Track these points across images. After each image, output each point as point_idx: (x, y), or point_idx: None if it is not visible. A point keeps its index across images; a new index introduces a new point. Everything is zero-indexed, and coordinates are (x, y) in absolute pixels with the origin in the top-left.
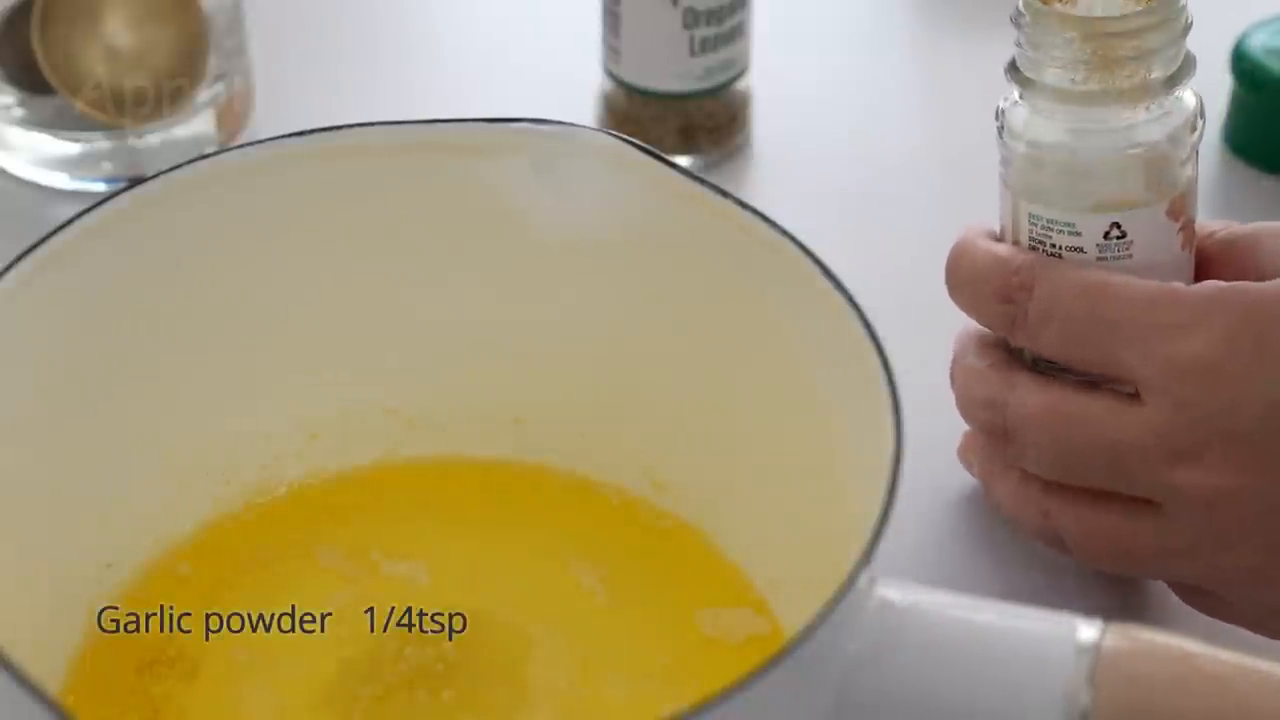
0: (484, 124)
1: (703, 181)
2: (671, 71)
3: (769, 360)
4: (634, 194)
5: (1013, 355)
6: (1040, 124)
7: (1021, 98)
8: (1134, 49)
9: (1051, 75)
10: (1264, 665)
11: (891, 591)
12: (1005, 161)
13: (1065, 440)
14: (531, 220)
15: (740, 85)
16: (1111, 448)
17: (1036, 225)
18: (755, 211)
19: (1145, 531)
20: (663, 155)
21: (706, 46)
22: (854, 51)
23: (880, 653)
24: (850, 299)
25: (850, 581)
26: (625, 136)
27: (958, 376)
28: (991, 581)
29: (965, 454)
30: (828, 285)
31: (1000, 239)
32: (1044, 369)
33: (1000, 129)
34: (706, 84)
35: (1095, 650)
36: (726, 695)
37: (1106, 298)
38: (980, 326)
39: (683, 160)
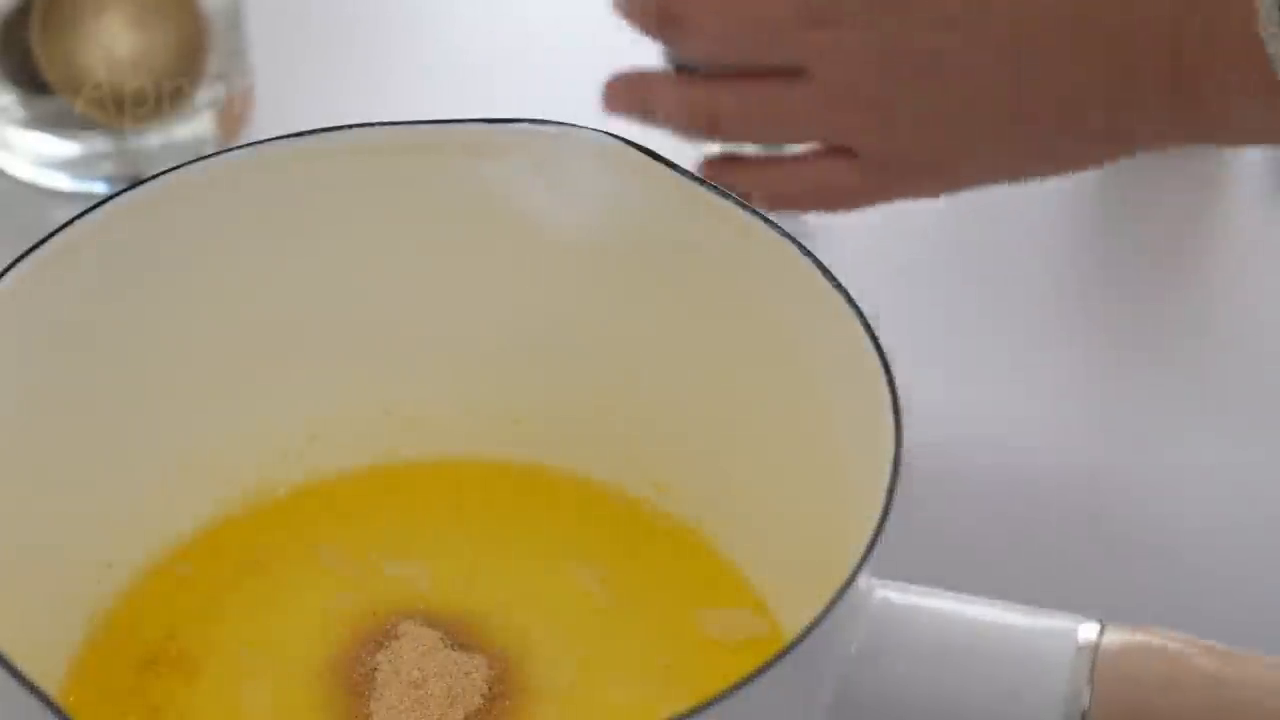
0: (484, 124)
1: (703, 181)
2: None
3: (769, 360)
4: (634, 194)
5: None
6: None
7: None
8: None
9: None
10: (1261, 665)
11: (891, 591)
12: None
13: (723, 14)
14: (532, 220)
15: None
16: (760, 20)
17: None
18: (755, 212)
19: (796, 97)
20: (663, 155)
21: None
22: None
23: (880, 653)
24: (850, 299)
25: (850, 581)
26: (625, 137)
27: None
28: (991, 581)
29: (614, 98)
30: (828, 285)
31: None
32: None
33: None
34: None
35: (1094, 650)
36: (726, 695)
37: None
38: None
39: None
